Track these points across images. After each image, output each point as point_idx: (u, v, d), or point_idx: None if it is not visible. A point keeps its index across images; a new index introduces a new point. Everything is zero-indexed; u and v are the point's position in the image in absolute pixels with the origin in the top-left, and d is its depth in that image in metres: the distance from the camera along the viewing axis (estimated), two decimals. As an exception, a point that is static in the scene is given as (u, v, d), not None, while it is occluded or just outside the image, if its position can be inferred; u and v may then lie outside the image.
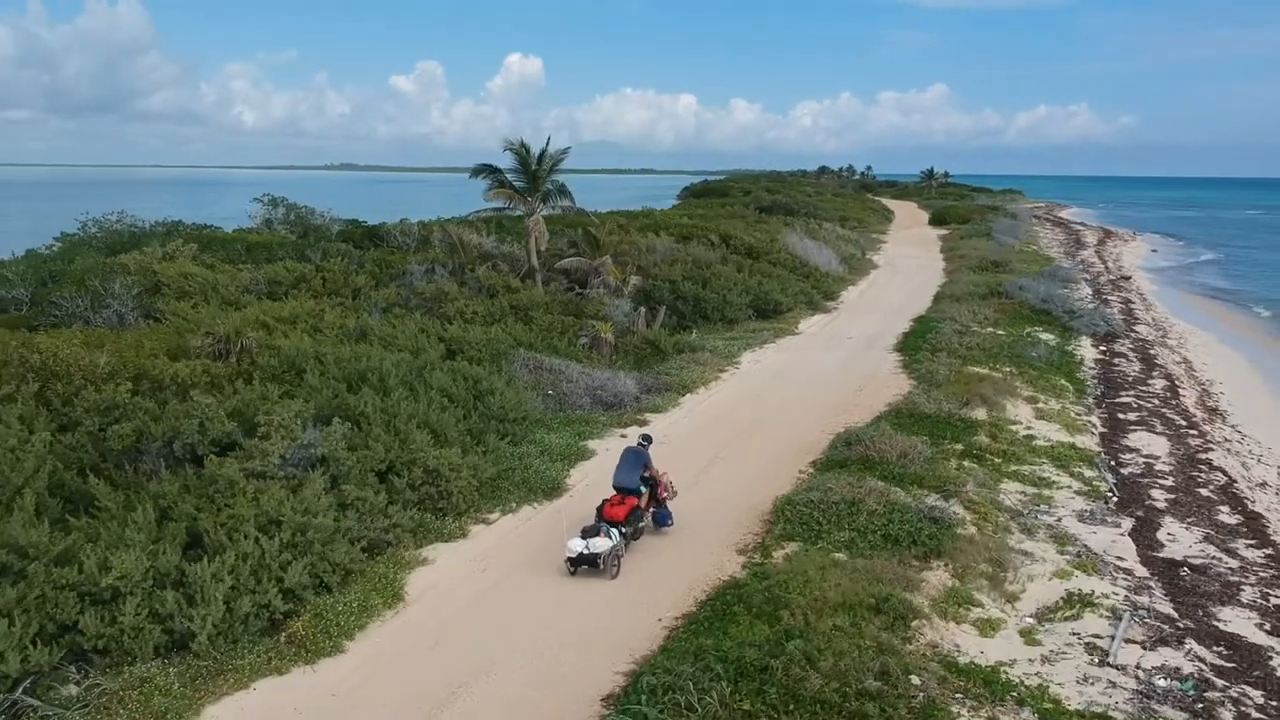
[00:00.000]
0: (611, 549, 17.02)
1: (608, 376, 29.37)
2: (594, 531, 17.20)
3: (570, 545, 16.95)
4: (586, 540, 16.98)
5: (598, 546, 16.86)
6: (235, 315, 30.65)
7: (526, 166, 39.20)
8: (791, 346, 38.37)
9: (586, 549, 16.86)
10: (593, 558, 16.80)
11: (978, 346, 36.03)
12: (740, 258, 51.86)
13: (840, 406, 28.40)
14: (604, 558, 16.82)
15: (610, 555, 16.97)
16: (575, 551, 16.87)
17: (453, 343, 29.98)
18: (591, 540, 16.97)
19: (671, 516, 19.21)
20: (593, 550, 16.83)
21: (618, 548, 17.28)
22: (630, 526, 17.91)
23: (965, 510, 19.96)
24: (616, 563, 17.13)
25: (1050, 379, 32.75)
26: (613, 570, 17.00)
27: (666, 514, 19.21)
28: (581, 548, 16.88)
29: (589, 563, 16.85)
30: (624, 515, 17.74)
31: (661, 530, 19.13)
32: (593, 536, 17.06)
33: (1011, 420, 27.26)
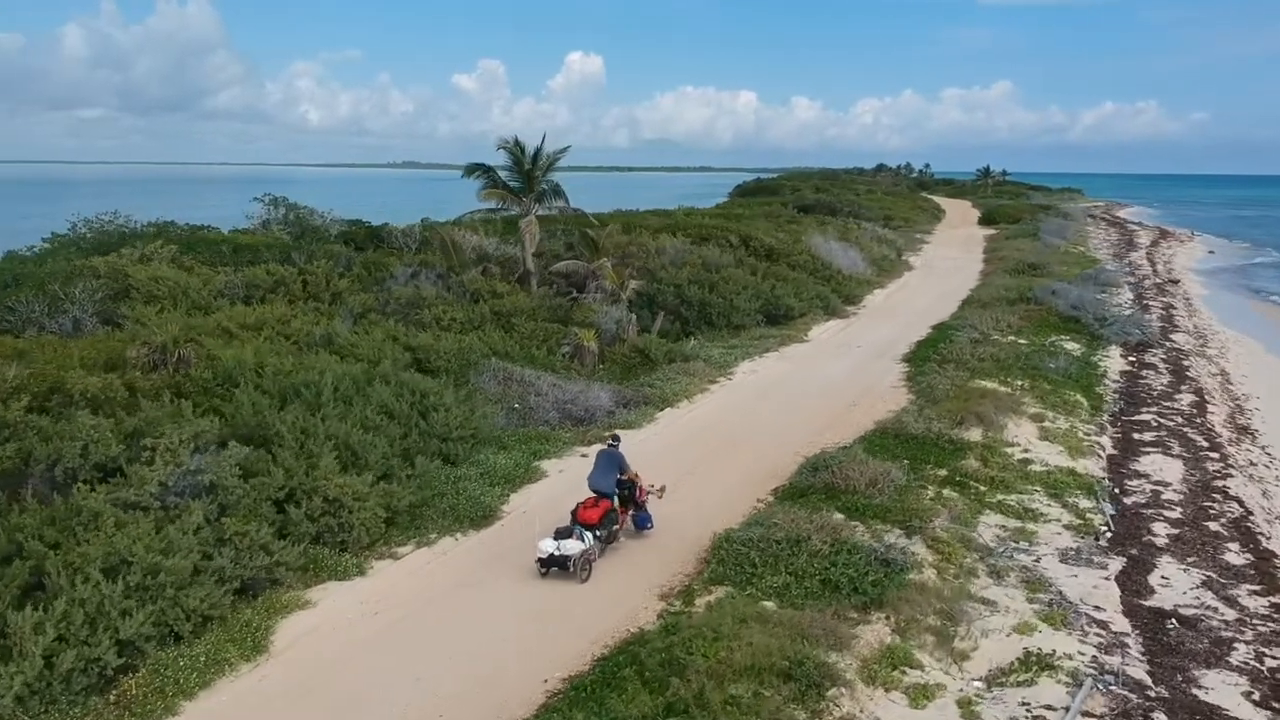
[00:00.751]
0: (583, 552, 16.78)
1: (580, 389, 27.62)
2: (566, 533, 16.88)
3: (541, 546, 16.70)
4: (558, 542, 16.70)
5: (568, 549, 16.63)
6: (202, 321, 29.37)
7: (520, 166, 37.55)
8: (795, 355, 36.34)
9: (557, 550, 16.63)
10: (563, 559, 16.59)
11: (992, 357, 33.76)
12: (758, 260, 49.86)
13: (827, 424, 26.40)
14: (574, 560, 16.61)
15: (581, 558, 16.74)
16: (546, 552, 16.64)
17: (420, 351, 28.40)
18: (563, 542, 16.70)
19: (651, 520, 18.95)
20: (563, 552, 16.60)
21: (590, 551, 17.01)
22: (605, 529, 17.68)
23: (927, 549, 17.96)
24: (588, 566, 16.90)
25: (1064, 394, 30.41)
26: (583, 574, 16.76)
27: (646, 516, 18.94)
28: (552, 549, 16.64)
29: (559, 564, 16.64)
30: (598, 518, 17.44)
31: (642, 533, 18.88)
32: (565, 538, 16.77)
33: (1009, 442, 25.07)
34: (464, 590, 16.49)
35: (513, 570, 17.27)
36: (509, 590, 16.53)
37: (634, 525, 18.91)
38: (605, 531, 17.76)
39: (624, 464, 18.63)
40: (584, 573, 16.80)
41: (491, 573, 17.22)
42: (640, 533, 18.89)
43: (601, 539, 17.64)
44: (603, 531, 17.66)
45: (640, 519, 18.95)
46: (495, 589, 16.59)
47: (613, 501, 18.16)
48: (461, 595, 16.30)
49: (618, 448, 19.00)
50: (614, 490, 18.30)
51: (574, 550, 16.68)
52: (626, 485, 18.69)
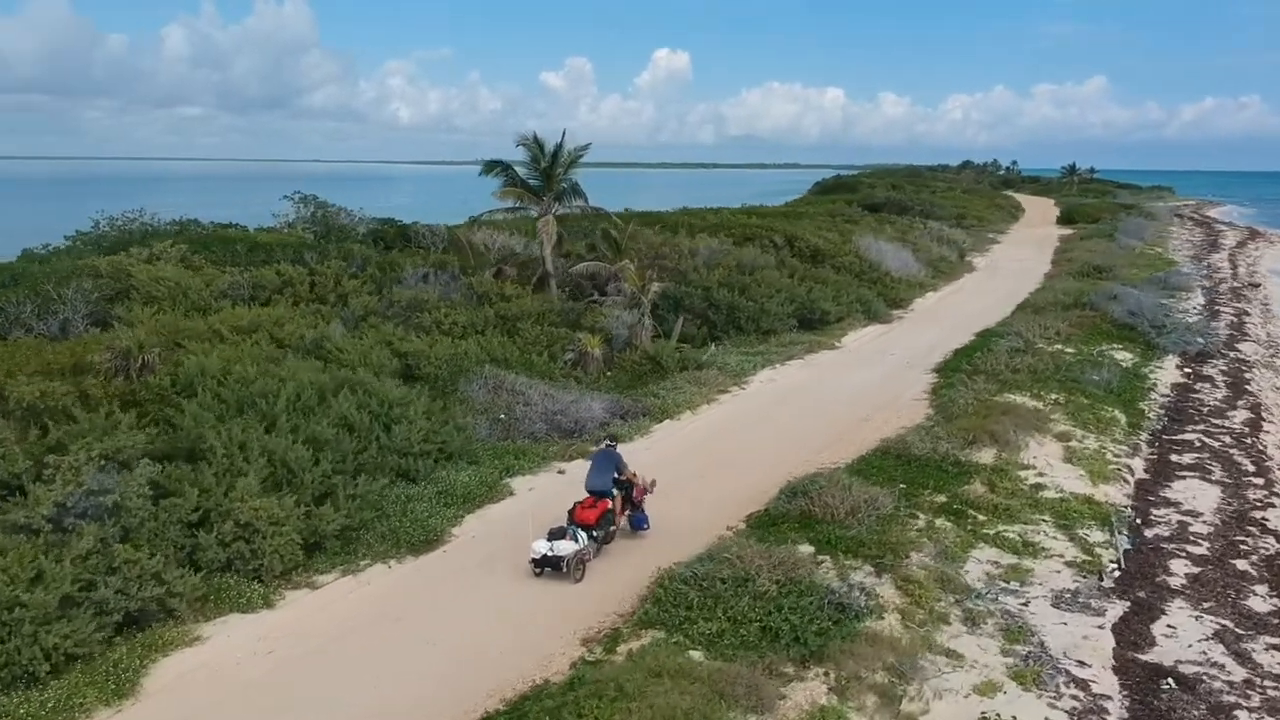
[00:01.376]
0: (576, 552, 16.66)
1: (572, 399, 26.18)
2: (560, 534, 16.84)
3: (535, 547, 16.64)
4: (551, 542, 16.64)
5: (562, 549, 16.52)
6: (192, 323, 28.56)
7: (539, 163, 36.22)
8: (821, 363, 34.50)
9: (550, 551, 16.54)
10: (556, 560, 16.48)
11: (1028, 369, 31.59)
12: (801, 262, 48.01)
13: (831, 441, 24.62)
14: (567, 561, 16.48)
15: (574, 559, 16.60)
16: (539, 553, 16.58)
17: (410, 357, 27.24)
18: (556, 543, 16.62)
19: (648, 520, 18.84)
20: (556, 553, 16.50)
21: (584, 551, 16.91)
22: (601, 530, 17.60)
23: (896, 590, 16.19)
24: (581, 567, 16.79)
25: (1101, 410, 28.19)
26: (576, 574, 16.64)
27: (643, 517, 18.83)
28: (546, 549, 16.57)
29: (552, 565, 16.52)
30: (594, 519, 17.37)
31: (638, 534, 18.75)
32: (558, 539, 16.72)
33: (1024, 464, 23.05)
34: (378, 626, 15.16)
35: (441, 601, 15.95)
36: (427, 626, 15.16)
37: (630, 526, 18.77)
38: (602, 532, 17.63)
39: (621, 464, 18.45)
40: (577, 573, 16.62)
41: (416, 605, 15.89)
42: (636, 533, 18.76)
43: (598, 539, 17.51)
44: (599, 532, 17.53)
45: (637, 519, 18.78)
46: (413, 624, 15.24)
47: (611, 502, 17.95)
48: (373, 632, 14.97)
49: (615, 448, 18.92)
50: (611, 490, 18.09)
51: (567, 551, 16.49)
52: (624, 485, 18.46)
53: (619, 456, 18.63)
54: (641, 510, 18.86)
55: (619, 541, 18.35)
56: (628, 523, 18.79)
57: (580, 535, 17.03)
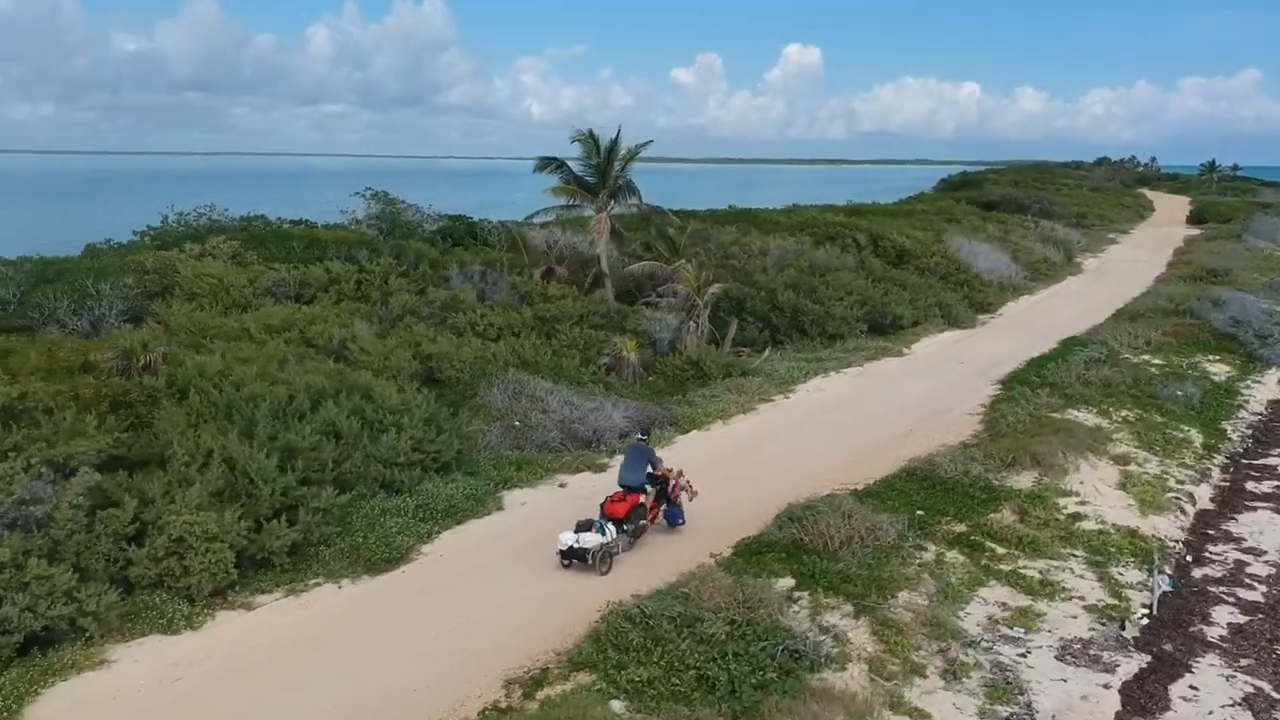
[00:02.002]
0: (602, 545, 16.68)
1: (594, 406, 24.95)
2: (587, 526, 16.84)
3: (561, 539, 16.73)
4: (578, 535, 16.69)
5: (587, 542, 16.55)
6: (224, 321, 28.30)
7: (594, 160, 35.07)
8: (880, 371, 32.59)
9: (576, 543, 16.59)
10: (581, 552, 16.57)
11: (1103, 382, 29.26)
12: (883, 263, 45.93)
13: (860, 458, 22.86)
14: (593, 553, 16.55)
15: (600, 551, 16.64)
16: (565, 545, 16.66)
17: (435, 360, 26.42)
18: (582, 535, 16.65)
19: (684, 515, 18.75)
20: (582, 545, 16.56)
21: (611, 545, 16.92)
22: (631, 524, 17.56)
23: (871, 635, 14.54)
24: (608, 560, 16.80)
25: (1175, 430, 25.83)
26: (603, 567, 16.66)
27: (677, 512, 18.71)
28: (572, 541, 16.63)
29: (578, 557, 16.62)
30: (624, 512, 17.37)
31: (675, 529, 18.67)
32: (585, 531, 16.74)
33: (1066, 490, 21.02)
34: (298, 655, 14.17)
35: (377, 629, 14.88)
36: (349, 657, 14.09)
37: (666, 521, 18.69)
38: (632, 526, 17.61)
39: (654, 459, 18.44)
40: (604, 565, 16.65)
41: (349, 632, 14.86)
42: (674, 528, 18.67)
43: (629, 533, 17.53)
44: (629, 526, 17.51)
45: (672, 514, 18.68)
46: (336, 654, 14.18)
47: (642, 496, 17.92)
48: (290, 661, 13.98)
49: (647, 442, 19.02)
50: (643, 485, 18.03)
51: (592, 544, 16.55)
52: (659, 480, 18.40)
53: (651, 451, 18.59)
54: (677, 505, 18.70)
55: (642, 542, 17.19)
56: (664, 518, 18.66)
57: (608, 529, 16.98)
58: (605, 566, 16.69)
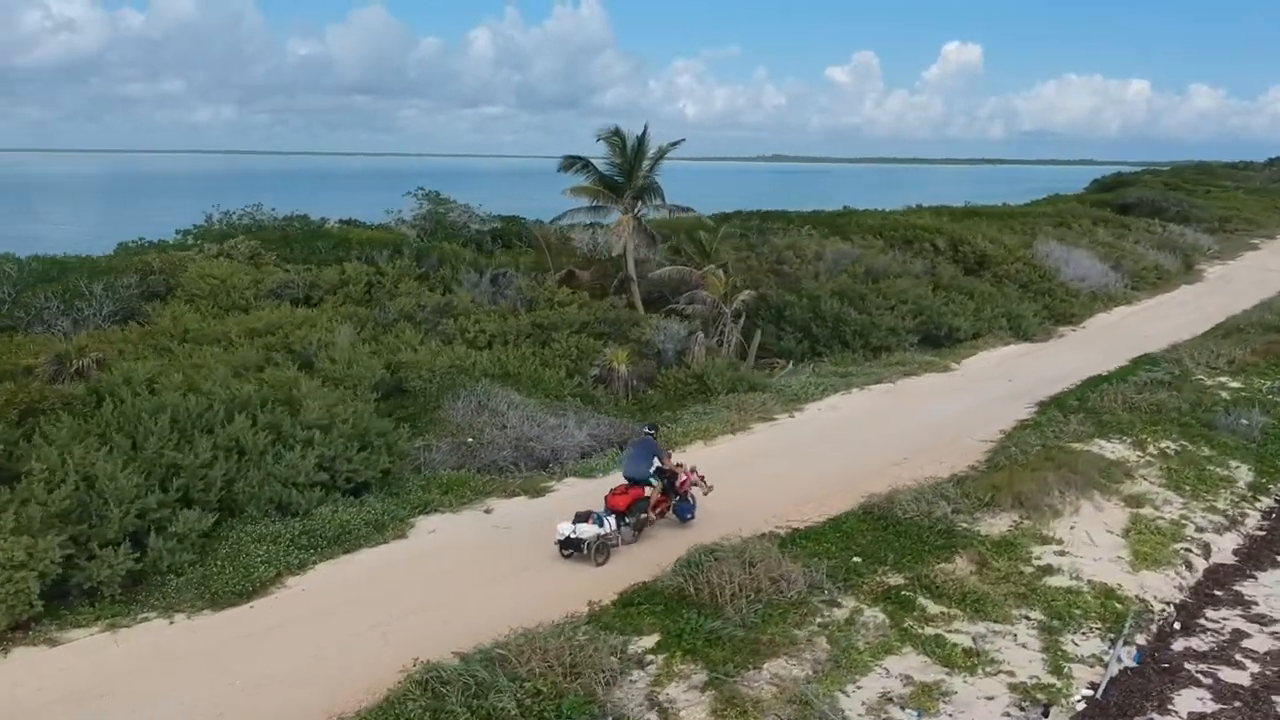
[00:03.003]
0: (598, 536, 16.81)
1: (556, 424, 23.19)
2: (585, 517, 16.94)
3: (559, 528, 16.90)
4: (575, 525, 16.84)
5: (583, 532, 16.71)
6: (206, 325, 27.54)
7: (619, 160, 33.21)
8: (912, 389, 29.87)
9: (573, 533, 16.77)
10: (577, 542, 16.74)
11: (1153, 407, 26.11)
12: (959, 269, 42.87)
13: (834, 490, 20.35)
14: (588, 543, 16.69)
15: (596, 542, 16.77)
16: (563, 535, 16.85)
17: (400, 368, 25.06)
18: (579, 526, 16.78)
19: (693, 510, 18.73)
20: (578, 535, 16.73)
21: (608, 536, 17.02)
22: (633, 517, 17.65)
23: (709, 716, 12.35)
24: (605, 551, 16.92)
25: (1217, 467, 22.69)
26: (599, 558, 16.77)
27: (687, 506, 18.68)
28: (569, 531, 16.81)
29: (575, 547, 16.78)
30: (625, 505, 17.49)
31: (685, 524, 18.53)
32: (582, 522, 16.85)
33: (1047, 537, 18.29)
34: (70, 705, 12.75)
35: (175, 677, 13.37)
36: (121, 711, 12.63)
37: (676, 515, 18.61)
38: (633, 519, 17.66)
39: (660, 453, 18.36)
40: (600, 557, 16.76)
41: (144, 678, 13.37)
42: (684, 523, 18.56)
43: (631, 525, 17.61)
44: (631, 519, 17.59)
45: (681, 509, 18.58)
46: (108, 706, 12.73)
47: (645, 490, 17.90)
48: (56, 713, 12.58)
49: (654, 436, 18.90)
50: (648, 479, 17.97)
51: (588, 534, 16.67)
52: (666, 475, 18.30)
53: (657, 445, 18.51)
54: (687, 500, 18.61)
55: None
56: (674, 513, 18.58)
57: (608, 521, 17.03)
58: (602, 558, 16.76)
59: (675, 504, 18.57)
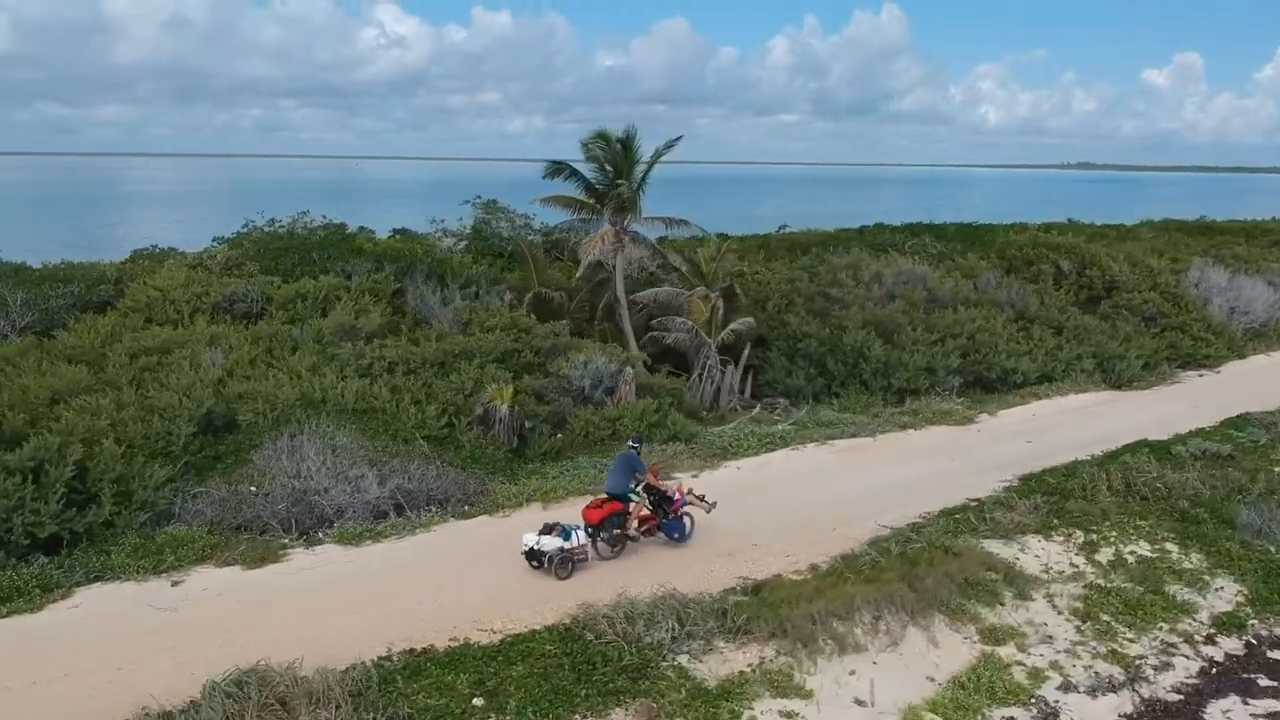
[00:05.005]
0: (560, 549, 16.17)
1: (357, 474, 19.70)
2: (549, 529, 16.37)
3: (525, 539, 16.45)
4: (539, 537, 16.31)
5: (545, 545, 16.22)
6: (130, 339, 25.70)
7: (605, 167, 29.18)
8: (884, 447, 24.26)
9: (536, 545, 16.26)
10: (539, 554, 16.25)
11: (1164, 490, 19.99)
12: (1069, 296, 36.17)
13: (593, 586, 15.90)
14: (549, 556, 16.16)
15: (558, 556, 16.14)
16: (527, 545, 16.37)
17: (229, 399, 22.26)
18: (543, 538, 16.29)
19: (683, 530, 17.84)
20: (540, 548, 16.24)
21: (575, 551, 16.39)
22: (606, 531, 17.00)
23: None
24: (567, 565, 16.22)
25: (1191, 585, 16.76)
26: (561, 572, 16.12)
27: (675, 525, 17.79)
28: (533, 543, 16.31)
29: (538, 559, 16.30)
30: (598, 519, 16.85)
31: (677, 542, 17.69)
32: (547, 534, 16.30)
33: (790, 687, 13.15)
34: None
35: None
36: None
37: (664, 534, 17.73)
38: (607, 534, 17.01)
39: (640, 467, 17.52)
40: (562, 571, 16.13)
41: None
42: (675, 541, 17.71)
43: (606, 540, 17.00)
44: (605, 533, 16.97)
45: (669, 527, 17.71)
46: None
47: (625, 505, 17.17)
48: None
49: (638, 450, 18.06)
50: (626, 494, 17.20)
51: (550, 547, 16.16)
52: (654, 491, 17.56)
53: (638, 461, 17.63)
54: (679, 519, 17.76)
55: None
56: (661, 531, 17.71)
57: (576, 534, 16.40)
58: (564, 572, 16.13)
59: (663, 523, 17.64)
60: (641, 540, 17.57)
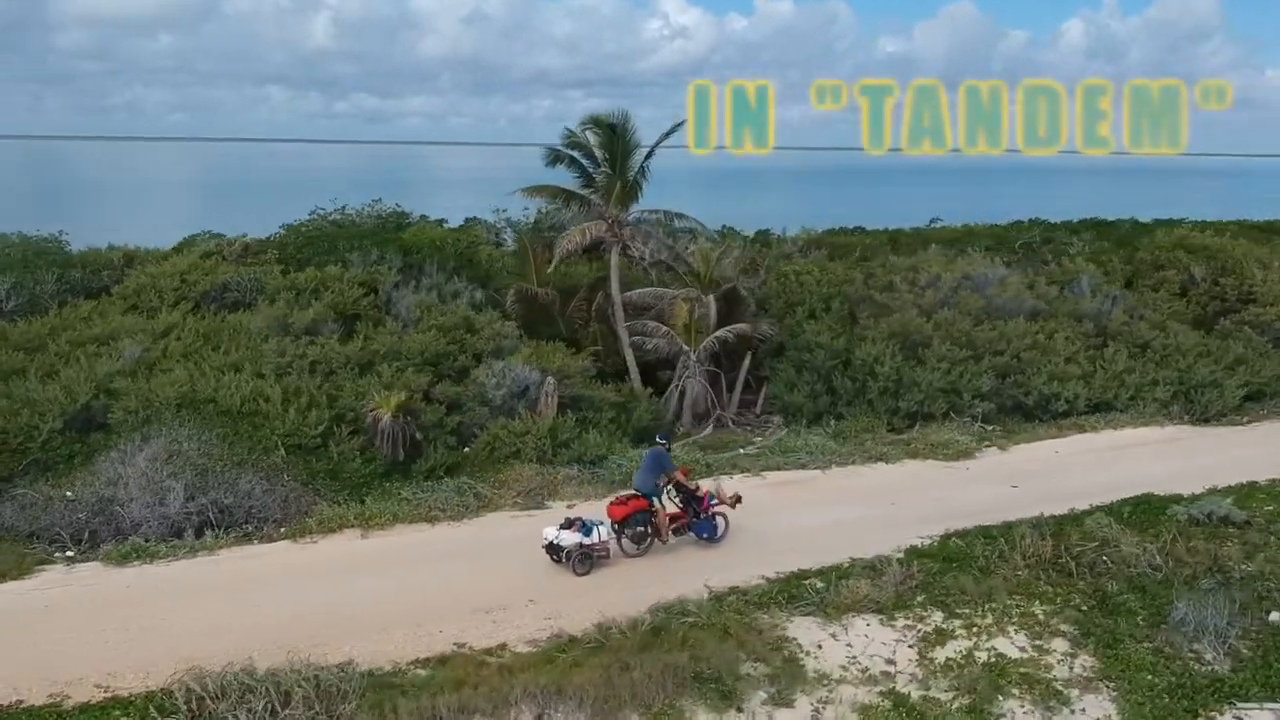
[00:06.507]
0: (580, 546, 15.97)
1: (167, 487, 18.16)
2: (570, 524, 16.15)
3: (545, 532, 16.24)
4: (559, 531, 16.10)
5: (564, 540, 16.02)
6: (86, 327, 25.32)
7: (595, 155, 26.57)
8: (825, 485, 20.84)
9: (556, 539, 16.05)
10: (558, 549, 16.06)
11: (1104, 566, 15.74)
12: (1191, 307, 30.81)
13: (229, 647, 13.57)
14: (568, 551, 15.98)
15: (577, 551, 15.96)
16: (546, 540, 16.15)
17: (120, 395, 21.24)
18: (563, 533, 16.08)
19: (714, 530, 17.43)
20: (559, 542, 16.04)
21: (595, 547, 16.14)
22: (630, 529, 16.70)
23: None
24: (586, 561, 16.04)
25: (1046, 707, 12.64)
26: (580, 568, 15.97)
27: (705, 525, 17.35)
28: (553, 537, 16.09)
29: (556, 554, 16.10)
30: (621, 515, 16.59)
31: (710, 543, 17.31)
32: (567, 529, 16.08)
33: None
34: None
35: None
36: None
37: (694, 534, 17.33)
38: (632, 530, 16.69)
39: (667, 465, 17.16)
40: (581, 567, 15.97)
41: None
42: (705, 542, 17.33)
43: (630, 537, 16.69)
44: (629, 530, 16.67)
45: (699, 528, 17.30)
46: None
47: (652, 503, 16.80)
48: None
49: (667, 446, 17.88)
50: (652, 491, 16.80)
51: (569, 542, 15.95)
52: (683, 490, 17.17)
53: (665, 458, 17.29)
54: (710, 519, 17.33)
55: None
56: (691, 531, 17.30)
57: (598, 530, 16.13)
58: (583, 568, 15.96)
59: (693, 523, 17.21)
60: (671, 540, 17.08)
